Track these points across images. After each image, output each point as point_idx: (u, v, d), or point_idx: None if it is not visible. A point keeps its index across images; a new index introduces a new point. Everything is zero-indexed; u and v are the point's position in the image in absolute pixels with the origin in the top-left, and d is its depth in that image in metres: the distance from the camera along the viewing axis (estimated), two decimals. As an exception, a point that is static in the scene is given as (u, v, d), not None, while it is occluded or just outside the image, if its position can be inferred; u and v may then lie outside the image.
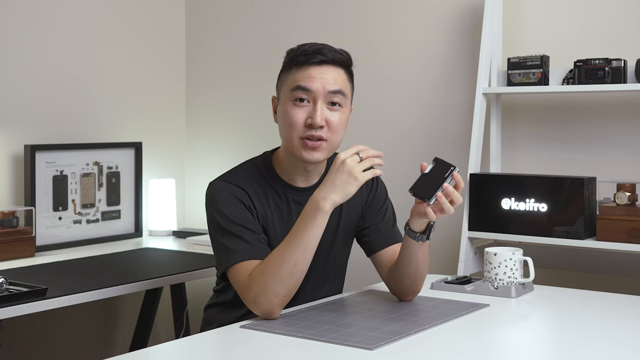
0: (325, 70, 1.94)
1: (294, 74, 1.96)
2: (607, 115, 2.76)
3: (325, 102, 1.94)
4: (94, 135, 3.27)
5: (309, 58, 1.94)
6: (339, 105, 1.95)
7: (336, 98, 1.95)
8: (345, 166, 1.82)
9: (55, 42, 3.15)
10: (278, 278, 1.83)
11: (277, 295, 1.85)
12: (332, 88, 1.94)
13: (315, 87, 1.93)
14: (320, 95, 1.93)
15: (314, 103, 1.93)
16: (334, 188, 1.83)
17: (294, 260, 1.84)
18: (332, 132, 1.95)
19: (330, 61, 1.95)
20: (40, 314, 2.30)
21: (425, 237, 1.93)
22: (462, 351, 1.72)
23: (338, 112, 1.95)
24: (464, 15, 2.99)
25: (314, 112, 1.92)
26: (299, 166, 2.01)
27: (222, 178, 2.02)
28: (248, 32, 3.51)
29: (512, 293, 2.13)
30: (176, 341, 1.86)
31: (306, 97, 1.93)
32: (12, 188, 2.99)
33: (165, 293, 3.29)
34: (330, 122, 1.94)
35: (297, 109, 1.94)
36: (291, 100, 1.95)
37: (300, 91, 1.93)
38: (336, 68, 1.96)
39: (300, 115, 1.94)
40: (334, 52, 1.96)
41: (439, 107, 3.06)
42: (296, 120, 1.94)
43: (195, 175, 3.66)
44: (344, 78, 1.98)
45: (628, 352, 1.71)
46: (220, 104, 3.61)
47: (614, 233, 2.45)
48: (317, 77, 1.93)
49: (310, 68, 1.94)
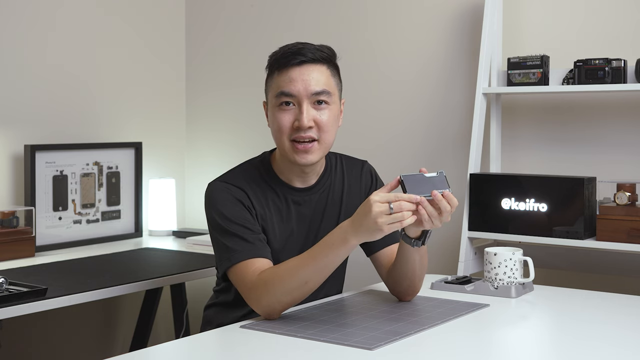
0: (306, 71, 1.93)
1: (276, 78, 1.95)
2: (607, 115, 2.76)
3: (311, 102, 1.93)
4: (94, 135, 3.26)
5: (289, 60, 1.93)
6: (325, 104, 1.95)
7: (321, 97, 1.94)
8: (372, 212, 1.73)
9: (56, 42, 3.15)
10: (286, 288, 1.83)
11: (280, 302, 1.85)
12: (315, 89, 1.93)
13: (297, 90, 1.92)
14: (303, 97, 1.92)
15: (299, 105, 1.93)
16: (361, 228, 1.75)
17: (306, 277, 1.82)
18: (322, 132, 1.94)
19: (310, 60, 1.94)
20: (40, 314, 2.30)
21: (421, 242, 1.91)
22: (462, 351, 1.72)
23: (326, 110, 1.95)
24: (464, 15, 2.99)
25: (300, 114, 1.92)
26: (296, 168, 2.01)
27: (221, 179, 2.02)
28: (248, 32, 3.51)
29: (512, 293, 2.13)
30: (176, 341, 1.86)
31: (290, 100, 1.93)
32: (12, 188, 2.99)
33: (165, 293, 3.29)
34: (319, 122, 1.94)
35: (283, 112, 1.94)
36: (277, 105, 1.94)
37: (284, 96, 1.93)
38: (317, 66, 1.95)
39: (287, 118, 1.93)
40: (314, 50, 1.95)
41: (439, 107, 3.06)
42: (283, 124, 1.93)
43: (195, 175, 3.66)
44: (327, 75, 1.96)
45: (628, 352, 1.71)
46: (220, 104, 3.61)
47: (614, 233, 2.45)
48: (299, 79, 1.92)
49: (291, 70, 1.93)
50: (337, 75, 2.01)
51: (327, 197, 2.07)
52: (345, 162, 2.14)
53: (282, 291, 1.83)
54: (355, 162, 2.17)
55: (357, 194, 2.12)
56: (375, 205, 1.73)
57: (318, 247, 1.83)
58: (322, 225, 2.06)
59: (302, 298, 1.86)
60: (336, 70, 2.01)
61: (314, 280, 1.83)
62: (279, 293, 1.83)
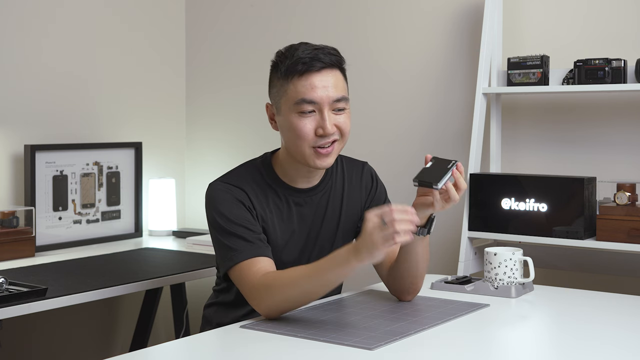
0: (325, 77, 1.92)
1: (294, 84, 1.92)
2: (607, 115, 2.76)
3: (331, 108, 1.93)
4: (94, 135, 3.27)
5: (308, 66, 1.91)
6: (344, 109, 1.96)
7: (340, 104, 1.94)
8: (367, 228, 1.70)
9: (56, 42, 3.15)
10: (287, 296, 1.83)
11: (280, 308, 1.85)
12: (336, 96, 1.92)
13: (320, 97, 1.91)
14: (325, 104, 1.91)
15: (321, 112, 1.92)
16: (362, 248, 1.71)
17: (308, 289, 1.82)
18: (343, 134, 1.96)
19: (328, 65, 1.93)
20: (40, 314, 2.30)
21: (427, 231, 1.92)
22: (462, 351, 1.72)
23: (344, 115, 1.95)
24: (464, 15, 3.00)
25: (323, 121, 1.91)
26: (303, 169, 2.00)
27: (221, 179, 2.02)
28: (248, 32, 3.51)
29: (512, 293, 2.13)
30: (176, 341, 1.86)
31: (312, 108, 1.92)
32: (12, 188, 2.99)
33: (165, 293, 3.29)
34: (340, 126, 1.94)
35: (304, 120, 1.92)
36: (296, 112, 1.92)
37: (306, 104, 1.91)
38: (334, 71, 1.94)
39: (309, 126, 1.92)
40: (329, 54, 1.94)
41: (439, 107, 3.06)
42: (305, 132, 1.91)
43: (195, 175, 3.66)
44: (342, 79, 1.96)
45: (628, 352, 1.71)
46: (220, 104, 3.61)
47: (614, 233, 2.45)
48: (320, 86, 1.91)
49: (311, 77, 1.91)
50: (346, 79, 2.01)
51: (328, 198, 2.07)
52: (345, 163, 2.14)
53: (281, 298, 1.83)
54: (356, 163, 2.17)
55: (357, 196, 2.12)
56: (369, 221, 1.70)
57: (325, 261, 1.80)
58: (323, 226, 2.06)
59: (301, 305, 1.87)
60: (345, 73, 2.01)
61: (316, 293, 1.83)
62: (279, 299, 1.84)
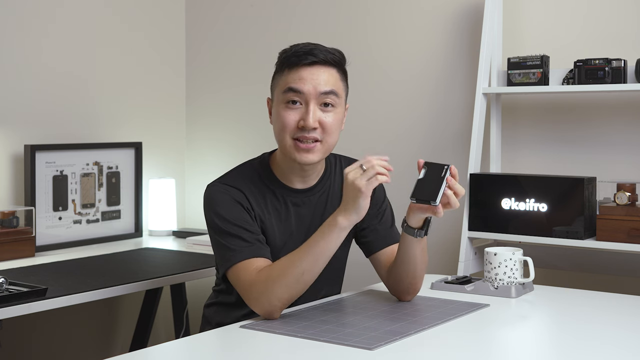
0: (316, 71, 1.93)
1: (285, 75, 1.95)
2: (607, 115, 2.76)
3: (318, 103, 1.93)
4: (94, 135, 3.27)
5: (300, 59, 1.93)
6: (332, 106, 1.95)
7: (328, 99, 1.94)
8: (348, 180, 1.80)
9: (56, 42, 3.15)
10: (283, 282, 1.83)
11: (279, 299, 1.85)
12: (324, 89, 1.93)
13: (307, 88, 1.92)
14: (312, 96, 1.92)
15: (306, 105, 1.93)
16: (346, 204, 1.82)
17: (302, 268, 1.83)
18: (326, 134, 1.95)
19: (321, 61, 1.94)
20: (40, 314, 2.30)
21: (424, 232, 1.93)
22: (462, 351, 1.72)
23: (331, 113, 1.95)
24: (464, 15, 3.00)
25: (306, 114, 1.92)
26: (296, 168, 2.01)
27: (219, 180, 2.02)
28: (248, 32, 3.51)
29: (512, 293, 2.13)
30: (176, 341, 1.86)
31: (298, 99, 1.93)
32: (12, 188, 2.99)
33: (165, 293, 3.29)
34: (324, 123, 1.94)
35: (289, 110, 1.94)
36: (283, 102, 1.94)
37: (292, 93, 1.93)
38: (328, 68, 1.95)
39: (292, 117, 1.93)
40: (325, 52, 1.95)
41: (439, 107, 3.06)
42: (288, 122, 1.93)
43: (195, 175, 3.66)
44: (337, 78, 1.97)
45: (628, 352, 1.71)
46: (220, 104, 3.61)
47: (614, 233, 2.45)
48: (309, 79, 1.92)
49: (302, 69, 1.93)
50: (345, 80, 2.01)
51: (327, 199, 2.07)
52: (344, 163, 2.14)
53: (280, 286, 1.83)
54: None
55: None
56: (349, 175, 1.80)
57: (310, 238, 1.86)
58: (322, 226, 2.06)
59: (300, 293, 1.86)
60: (345, 75, 2.01)
61: (311, 270, 1.84)
62: (278, 289, 1.84)
